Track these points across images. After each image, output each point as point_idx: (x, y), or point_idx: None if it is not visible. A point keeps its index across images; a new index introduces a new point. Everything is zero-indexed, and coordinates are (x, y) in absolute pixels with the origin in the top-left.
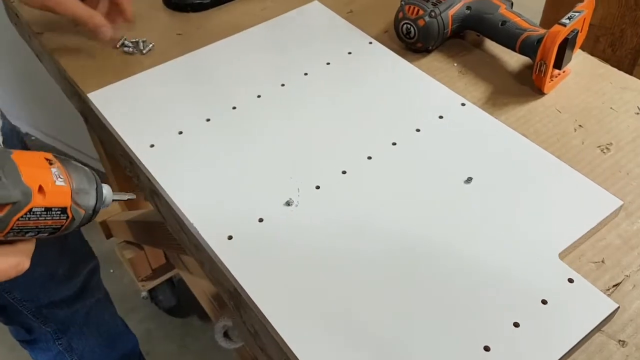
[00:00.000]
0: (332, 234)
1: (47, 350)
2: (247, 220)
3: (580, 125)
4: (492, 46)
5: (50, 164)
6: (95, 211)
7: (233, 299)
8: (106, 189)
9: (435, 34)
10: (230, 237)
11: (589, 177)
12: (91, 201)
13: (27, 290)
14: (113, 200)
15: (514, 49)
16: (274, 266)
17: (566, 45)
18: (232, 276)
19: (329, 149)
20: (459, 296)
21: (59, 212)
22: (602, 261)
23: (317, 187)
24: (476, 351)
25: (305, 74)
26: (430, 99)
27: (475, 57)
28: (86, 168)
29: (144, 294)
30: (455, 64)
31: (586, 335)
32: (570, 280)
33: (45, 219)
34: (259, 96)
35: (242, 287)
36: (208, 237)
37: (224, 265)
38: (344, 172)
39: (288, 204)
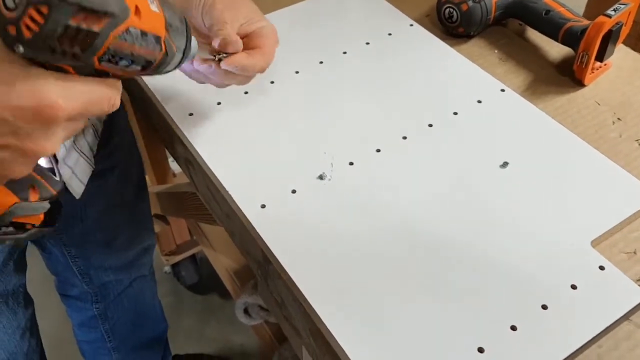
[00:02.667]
0: (362, 209)
1: (83, 310)
2: (281, 191)
3: (619, 119)
4: (533, 35)
5: None
6: (185, 55)
7: (261, 269)
8: (194, 40)
9: (477, 19)
10: (263, 206)
11: (626, 169)
12: (182, 41)
13: (83, 249)
14: (197, 55)
15: (556, 39)
16: (304, 236)
17: (610, 38)
18: (264, 243)
19: (364, 127)
20: (489, 276)
21: (153, 41)
22: (634, 252)
23: (351, 164)
24: (502, 330)
25: (344, 52)
26: (469, 83)
27: (516, 45)
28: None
29: (167, 268)
30: (496, 51)
31: (614, 322)
32: (601, 268)
33: (140, 45)
34: (297, 72)
35: (272, 254)
36: (242, 205)
37: (257, 233)
38: (378, 151)
39: (321, 177)
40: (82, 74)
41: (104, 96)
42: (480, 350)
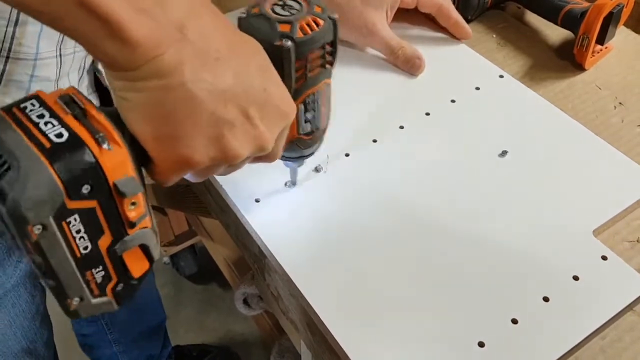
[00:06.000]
0: (359, 201)
1: None
2: (275, 184)
3: (620, 103)
4: (532, 18)
5: None
6: (318, 147)
7: (257, 262)
8: None
9: (475, 3)
10: (257, 200)
11: (628, 155)
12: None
13: None
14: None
15: (555, 22)
16: (300, 230)
17: (610, 20)
18: (259, 238)
19: (360, 116)
20: (488, 268)
21: (328, 111)
22: (637, 240)
23: (347, 155)
24: (503, 324)
25: None
26: (467, 69)
27: (515, 30)
28: None
29: (166, 259)
30: (494, 36)
31: (617, 314)
32: (604, 258)
33: (326, 107)
34: None
35: (267, 249)
36: (236, 199)
37: (251, 228)
38: (374, 141)
39: (317, 170)
40: None
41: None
42: (481, 344)
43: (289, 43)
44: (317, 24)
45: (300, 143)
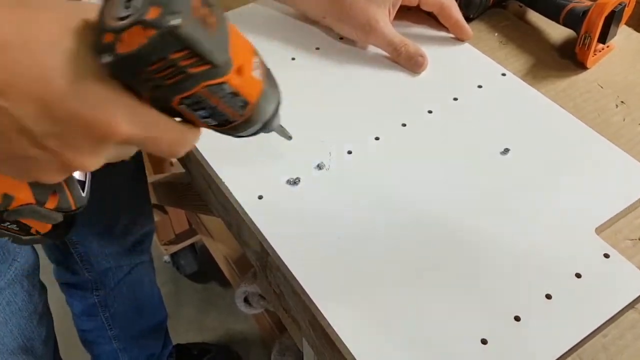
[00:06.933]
0: (362, 198)
1: (83, 298)
2: (278, 181)
3: (622, 102)
4: (534, 17)
5: (255, 54)
6: (263, 128)
7: (259, 260)
8: (278, 119)
9: (477, 2)
10: (260, 197)
11: (630, 154)
12: (268, 112)
13: (84, 235)
14: (277, 129)
15: (557, 21)
16: (303, 227)
17: (612, 19)
18: (261, 235)
19: (362, 114)
20: (491, 266)
21: (240, 104)
22: (639, 239)
23: (349, 152)
24: (506, 321)
25: (341, 38)
26: (469, 67)
27: (516, 28)
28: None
29: (166, 258)
30: (496, 34)
31: (619, 311)
32: (606, 256)
33: (226, 103)
34: (293, 59)
35: (270, 246)
36: (238, 195)
37: (254, 224)
38: (377, 139)
39: (319, 167)
40: (155, 106)
41: (167, 138)
42: (484, 341)
43: (108, 59)
44: (147, 35)
45: (221, 132)
